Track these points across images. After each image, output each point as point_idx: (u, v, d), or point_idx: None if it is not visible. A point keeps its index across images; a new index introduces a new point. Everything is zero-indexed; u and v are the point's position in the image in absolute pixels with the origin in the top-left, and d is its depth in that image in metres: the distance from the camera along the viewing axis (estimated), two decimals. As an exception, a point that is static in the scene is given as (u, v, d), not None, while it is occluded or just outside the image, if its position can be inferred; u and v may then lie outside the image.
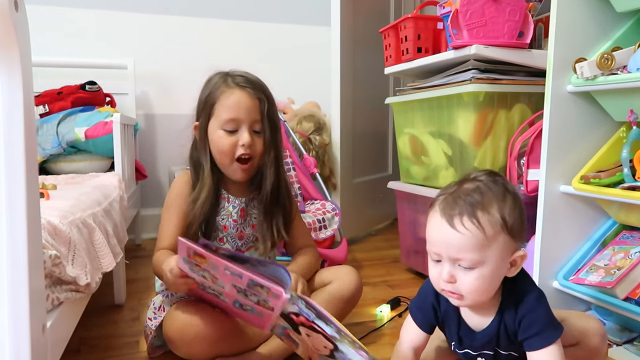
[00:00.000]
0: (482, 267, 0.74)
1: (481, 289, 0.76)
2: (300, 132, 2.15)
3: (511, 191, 0.78)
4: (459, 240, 0.74)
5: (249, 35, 2.60)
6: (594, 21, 1.19)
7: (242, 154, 1.10)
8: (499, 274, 0.77)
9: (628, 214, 1.21)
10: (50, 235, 0.76)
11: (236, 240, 1.19)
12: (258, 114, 1.11)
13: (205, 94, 1.14)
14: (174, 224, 1.14)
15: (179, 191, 1.17)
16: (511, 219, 0.75)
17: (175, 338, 1.04)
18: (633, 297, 1.08)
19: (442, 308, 0.87)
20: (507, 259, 0.77)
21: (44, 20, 2.24)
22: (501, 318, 0.81)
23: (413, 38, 1.66)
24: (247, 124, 1.10)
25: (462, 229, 0.73)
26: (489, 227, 0.73)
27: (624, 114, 1.14)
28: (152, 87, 2.45)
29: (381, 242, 2.38)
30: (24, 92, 0.55)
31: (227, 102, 1.09)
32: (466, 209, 0.74)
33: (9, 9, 0.51)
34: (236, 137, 1.10)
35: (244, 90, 1.10)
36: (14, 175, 0.55)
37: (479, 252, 0.73)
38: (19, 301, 0.57)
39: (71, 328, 0.84)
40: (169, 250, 1.12)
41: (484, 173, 0.80)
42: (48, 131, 1.88)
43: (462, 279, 0.75)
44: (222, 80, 1.13)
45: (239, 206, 1.18)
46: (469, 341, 0.85)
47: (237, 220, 1.18)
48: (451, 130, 1.57)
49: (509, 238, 0.75)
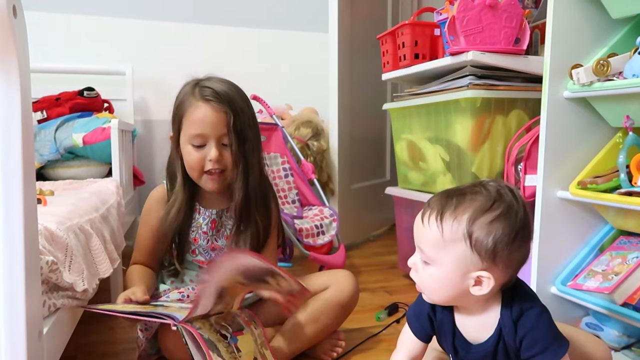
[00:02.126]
0: (436, 267, 0.76)
1: (432, 287, 0.78)
2: (298, 137, 2.16)
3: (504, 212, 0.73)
4: (422, 232, 0.77)
5: (247, 42, 2.61)
6: (590, 27, 1.20)
7: (211, 168, 1.10)
8: (453, 282, 0.75)
9: (625, 219, 1.21)
10: (47, 241, 0.75)
11: (209, 252, 1.19)
12: (224, 128, 1.08)
13: (176, 104, 1.14)
14: (145, 239, 1.19)
15: (149, 208, 1.20)
16: (478, 234, 0.72)
17: (171, 344, 1.04)
18: (631, 303, 1.08)
19: (438, 317, 0.85)
20: (467, 273, 0.74)
21: (43, 27, 2.24)
22: (499, 334, 0.78)
23: (410, 44, 1.67)
24: (215, 139, 1.09)
25: (427, 223, 0.76)
26: (448, 231, 0.74)
27: (620, 119, 1.14)
28: (150, 93, 2.45)
29: (379, 248, 2.38)
30: (22, 98, 0.55)
31: (193, 116, 1.08)
32: (438, 208, 0.76)
33: (8, 15, 0.51)
34: (204, 151, 1.09)
35: (209, 104, 1.08)
36: (11, 181, 0.55)
37: (434, 250, 0.75)
38: (15, 307, 0.56)
39: (68, 334, 0.84)
40: (140, 266, 1.18)
41: (495, 185, 0.76)
42: (46, 137, 1.88)
43: (420, 271, 0.79)
44: (191, 91, 1.11)
45: (209, 218, 1.18)
46: (465, 353, 0.83)
47: (207, 232, 1.18)
48: (449, 136, 1.57)
49: (470, 251, 0.73)
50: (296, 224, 1.69)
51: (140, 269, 1.17)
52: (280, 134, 1.93)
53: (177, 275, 1.19)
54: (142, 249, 1.20)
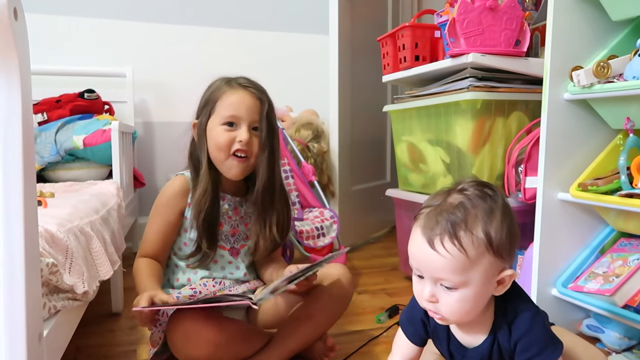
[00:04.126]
0: (465, 289, 0.70)
1: (463, 310, 0.72)
2: (298, 139, 2.16)
3: (500, 205, 0.72)
4: (439, 261, 0.69)
5: (247, 44, 2.62)
6: (590, 30, 1.20)
7: (238, 149, 1.11)
8: (483, 295, 0.72)
9: (626, 221, 1.21)
10: (48, 243, 0.75)
11: (229, 238, 1.21)
12: (258, 114, 1.13)
13: (207, 94, 1.17)
14: (157, 232, 1.16)
15: (167, 201, 1.18)
16: (497, 238, 0.70)
17: (180, 342, 1.01)
18: (632, 305, 1.08)
19: (432, 323, 0.83)
20: (493, 279, 0.72)
21: (44, 29, 2.24)
22: (494, 338, 0.77)
23: (411, 46, 1.67)
24: (247, 122, 1.12)
25: (443, 251, 0.69)
26: (471, 249, 0.69)
27: (620, 121, 1.14)
28: (151, 95, 2.45)
29: (380, 250, 2.38)
30: (22, 101, 0.55)
31: (230, 99, 1.12)
32: (447, 229, 0.69)
33: (8, 18, 0.51)
34: (235, 133, 1.12)
35: (247, 90, 1.14)
36: (11, 183, 0.55)
37: (461, 275, 0.69)
38: (15, 309, 0.56)
39: (68, 337, 0.84)
40: (149, 260, 1.15)
41: (473, 184, 0.74)
42: (46, 139, 1.88)
43: (443, 299, 0.72)
44: (225, 82, 1.16)
45: (233, 204, 1.21)
46: (460, 357, 0.83)
47: (232, 217, 1.20)
48: (449, 138, 1.57)
49: (494, 258, 0.70)
50: (296, 225, 1.69)
51: (150, 263, 1.15)
52: (281, 136, 1.93)
53: (204, 261, 1.17)
54: (152, 243, 1.17)
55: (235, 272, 1.21)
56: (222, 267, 1.20)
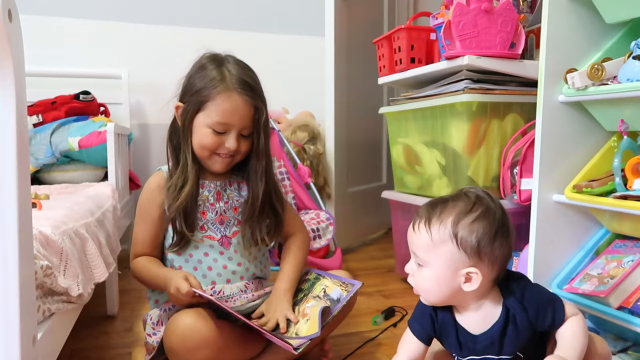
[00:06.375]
0: (429, 268, 0.82)
1: (427, 287, 0.84)
2: (294, 141, 2.16)
3: (485, 214, 0.81)
4: (413, 238, 0.85)
5: (243, 45, 2.59)
6: (585, 32, 1.21)
7: (223, 153, 1.11)
8: (445, 280, 0.81)
9: (620, 223, 1.21)
10: (42, 246, 0.75)
11: (217, 226, 1.16)
12: (250, 121, 1.11)
13: (198, 83, 1.12)
14: (144, 231, 1.16)
15: (147, 198, 1.16)
16: (463, 234, 0.79)
17: (177, 345, 0.99)
18: (626, 306, 1.08)
19: (440, 317, 0.88)
20: (457, 271, 0.81)
21: (38, 30, 2.23)
22: (506, 317, 0.83)
23: (406, 48, 1.68)
24: (237, 129, 1.10)
25: (417, 230, 0.84)
26: (436, 234, 0.81)
27: (614, 123, 1.15)
28: (146, 97, 2.45)
29: (376, 252, 2.38)
30: (16, 102, 0.55)
31: (223, 105, 1.08)
32: (425, 216, 0.84)
33: (3, 19, 0.51)
34: (223, 138, 1.10)
35: (242, 96, 1.08)
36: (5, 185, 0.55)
37: (425, 253, 0.82)
38: (9, 312, 0.56)
39: (62, 339, 0.83)
40: (150, 258, 1.15)
41: (474, 191, 0.85)
42: (41, 141, 1.88)
43: (417, 274, 0.85)
44: (220, 76, 1.10)
45: (214, 189, 1.17)
46: (472, 344, 0.85)
47: (215, 204, 1.16)
48: (445, 140, 1.58)
49: (457, 250, 0.80)
50: (292, 227, 1.68)
51: (149, 257, 1.14)
52: (277, 137, 1.94)
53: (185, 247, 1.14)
54: (142, 242, 1.15)
55: (229, 264, 1.16)
56: (215, 260, 1.15)
